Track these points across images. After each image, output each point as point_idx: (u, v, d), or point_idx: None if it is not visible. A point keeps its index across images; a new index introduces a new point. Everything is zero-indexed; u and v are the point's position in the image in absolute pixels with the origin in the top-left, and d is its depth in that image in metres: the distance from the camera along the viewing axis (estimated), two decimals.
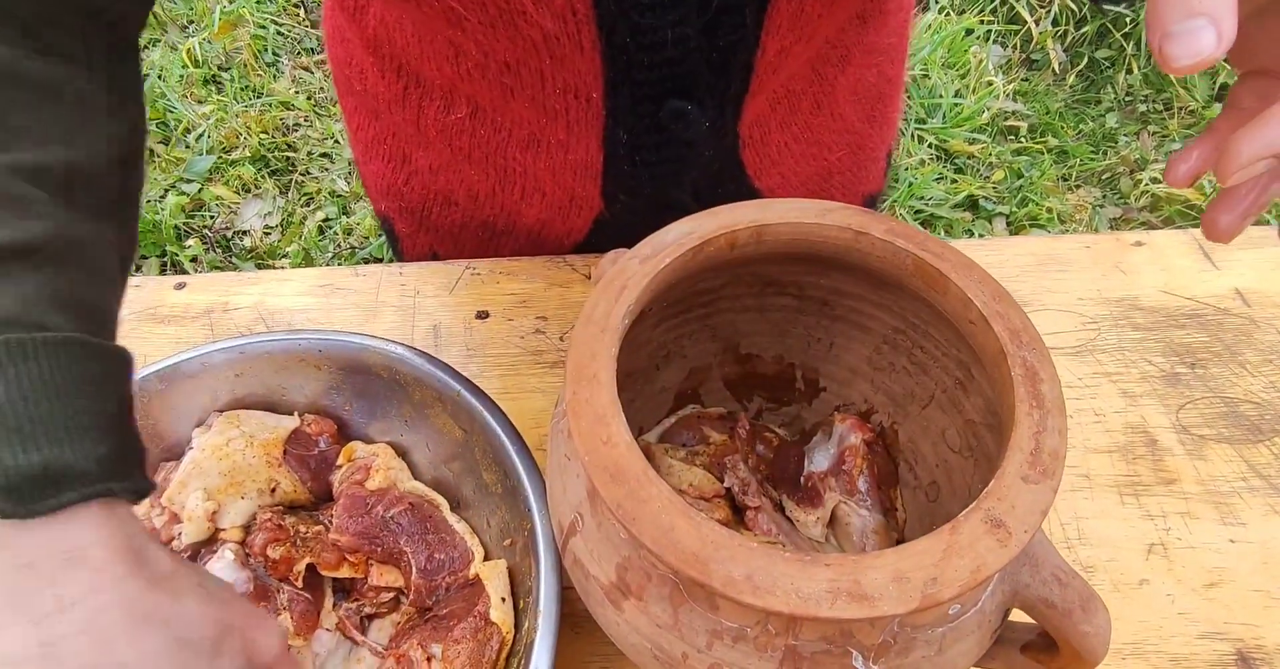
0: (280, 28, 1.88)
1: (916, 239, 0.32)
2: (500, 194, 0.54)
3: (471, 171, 0.53)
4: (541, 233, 0.57)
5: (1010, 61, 2.02)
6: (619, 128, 0.46)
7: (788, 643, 0.25)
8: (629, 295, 0.30)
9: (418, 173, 0.57)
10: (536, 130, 0.48)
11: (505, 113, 0.47)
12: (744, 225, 0.33)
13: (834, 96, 0.52)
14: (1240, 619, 0.44)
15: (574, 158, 0.49)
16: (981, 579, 0.23)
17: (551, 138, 0.48)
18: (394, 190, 0.59)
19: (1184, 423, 0.52)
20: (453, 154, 0.52)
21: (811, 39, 0.45)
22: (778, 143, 0.52)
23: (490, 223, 0.58)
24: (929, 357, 0.39)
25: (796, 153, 0.53)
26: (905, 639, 0.26)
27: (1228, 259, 0.61)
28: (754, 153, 0.51)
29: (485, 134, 0.49)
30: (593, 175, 0.50)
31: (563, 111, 0.45)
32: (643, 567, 0.27)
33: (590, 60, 0.41)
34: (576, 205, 0.53)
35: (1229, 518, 0.48)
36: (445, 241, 0.62)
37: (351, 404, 0.45)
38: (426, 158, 0.54)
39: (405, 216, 0.61)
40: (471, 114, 0.49)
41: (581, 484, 0.29)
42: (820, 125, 0.53)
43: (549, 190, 0.52)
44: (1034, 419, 0.27)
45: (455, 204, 0.57)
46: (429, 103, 0.50)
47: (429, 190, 0.57)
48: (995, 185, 1.80)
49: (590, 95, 0.43)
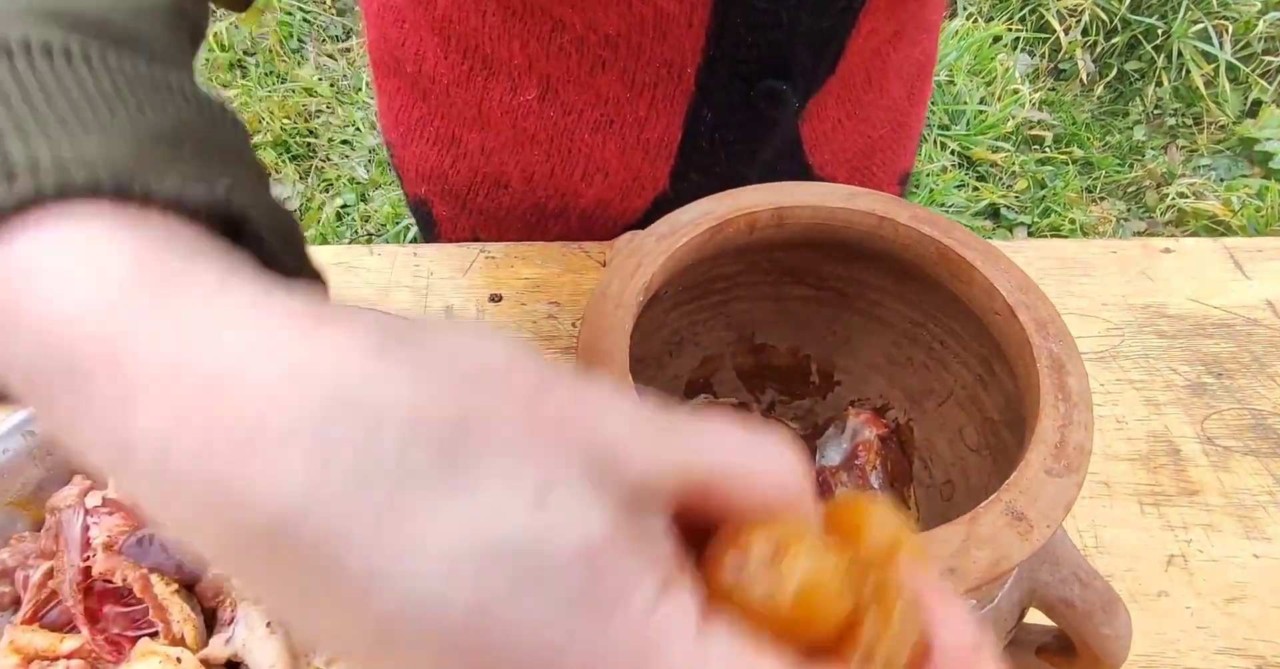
0: (307, 15, 1.88)
1: (941, 226, 0.31)
2: (558, 175, 0.54)
3: (534, 152, 0.53)
4: (595, 214, 0.57)
5: (1038, 70, 2.00)
6: (705, 105, 0.46)
7: None
8: (644, 273, 0.29)
9: (466, 155, 0.56)
10: (614, 109, 0.48)
11: (585, 91, 0.48)
12: (765, 207, 0.32)
13: (885, 73, 0.52)
14: (1262, 636, 0.43)
15: (649, 136, 0.49)
16: (1001, 572, 0.22)
17: (630, 115, 0.48)
18: (437, 173, 0.59)
19: (1209, 433, 0.51)
20: (515, 135, 0.52)
21: (895, 18, 0.45)
22: (832, 118, 0.52)
23: (542, 205, 0.58)
24: (949, 351, 0.38)
25: (848, 129, 0.53)
26: None
27: (1259, 269, 0.60)
28: (811, 128, 0.51)
29: (553, 116, 0.50)
30: (666, 154, 0.50)
31: (650, 86, 0.45)
32: None
33: (695, 37, 0.41)
34: (639, 185, 0.53)
35: (1253, 532, 0.47)
36: (489, 225, 0.61)
37: None
38: (480, 139, 0.54)
39: (447, 199, 0.61)
40: (540, 96, 0.49)
41: None
42: (869, 101, 0.53)
43: (614, 170, 0.52)
44: (1059, 412, 0.26)
45: (506, 186, 0.57)
46: (495, 84, 0.50)
47: (477, 173, 0.57)
48: (1018, 194, 1.78)
49: (685, 70, 0.43)
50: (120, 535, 0.37)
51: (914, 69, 0.56)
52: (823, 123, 0.51)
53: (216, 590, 0.37)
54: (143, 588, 0.35)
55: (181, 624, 0.35)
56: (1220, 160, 1.89)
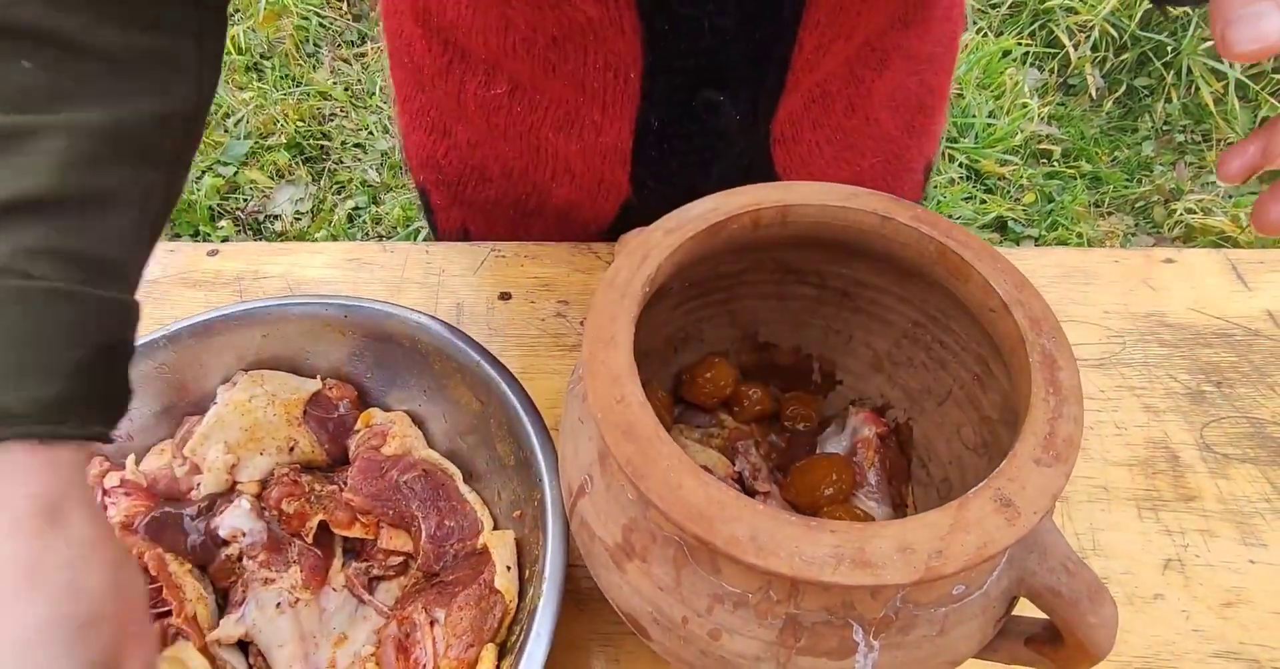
0: (323, 20, 1.91)
1: (941, 226, 0.32)
2: (532, 172, 0.55)
3: (506, 148, 0.54)
4: (569, 215, 0.57)
5: (1047, 85, 2.01)
6: (652, 112, 0.46)
7: (789, 611, 0.25)
8: (650, 264, 0.30)
9: (457, 147, 0.58)
10: (572, 110, 0.48)
11: (544, 91, 0.48)
12: (769, 204, 0.33)
13: (870, 101, 0.52)
14: (1257, 640, 0.43)
15: (605, 140, 0.49)
16: (988, 556, 0.23)
17: (586, 118, 0.48)
18: (433, 162, 0.60)
19: (1208, 441, 0.51)
20: (489, 130, 0.53)
21: (850, 38, 0.45)
22: (809, 142, 0.52)
23: (521, 202, 0.58)
24: (948, 351, 0.39)
25: (828, 155, 0.53)
26: (907, 615, 0.26)
27: (1261, 280, 0.60)
28: (784, 151, 0.51)
29: (521, 112, 0.50)
30: (622, 159, 0.50)
31: (600, 90, 0.45)
32: (648, 527, 0.27)
33: (631, 43, 0.42)
34: (604, 189, 0.53)
35: (1250, 538, 0.47)
36: (477, 217, 0.62)
37: (372, 372, 0.45)
38: (466, 132, 0.56)
39: (441, 189, 0.62)
40: (510, 92, 0.49)
41: (593, 446, 0.29)
42: (854, 129, 0.53)
43: (579, 172, 0.52)
44: (1050, 405, 0.27)
45: (489, 180, 0.58)
46: (471, 77, 0.50)
47: (466, 164, 0.58)
48: (1025, 207, 1.79)
49: (629, 75, 0.44)
50: (136, 515, 0.38)
51: (913, 102, 0.55)
52: (798, 145, 0.52)
53: (229, 571, 0.38)
54: (157, 567, 0.36)
55: (194, 603, 0.36)
56: None
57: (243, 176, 1.65)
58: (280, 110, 1.74)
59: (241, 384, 0.41)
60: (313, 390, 0.43)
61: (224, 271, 0.58)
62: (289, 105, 1.75)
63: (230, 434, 0.39)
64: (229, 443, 0.39)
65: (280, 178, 1.68)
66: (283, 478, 0.39)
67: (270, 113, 1.73)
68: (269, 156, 1.68)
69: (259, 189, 1.65)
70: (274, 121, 1.73)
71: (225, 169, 1.66)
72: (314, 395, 0.43)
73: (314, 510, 0.38)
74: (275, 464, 0.40)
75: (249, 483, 0.39)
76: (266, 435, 0.40)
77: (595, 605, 0.43)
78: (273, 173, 1.67)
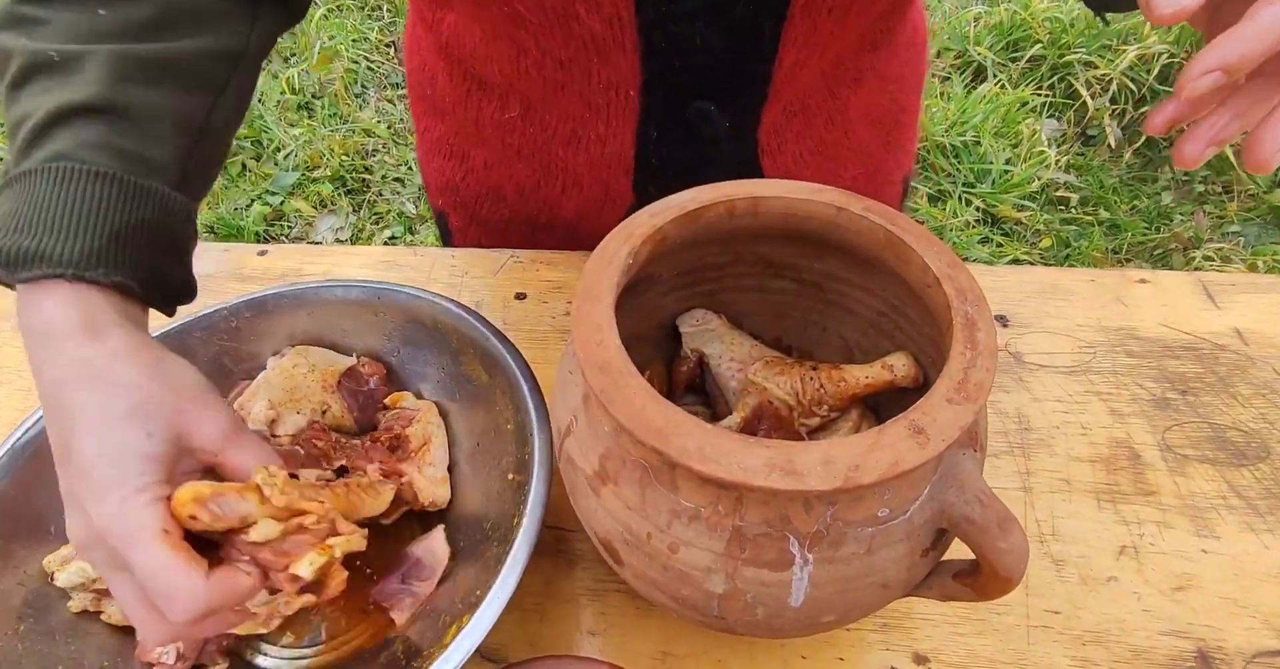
0: (371, 64, 2.04)
1: (889, 216, 0.37)
2: (543, 188, 0.61)
3: (520, 166, 0.60)
4: (578, 227, 0.63)
5: (1065, 135, 2.06)
6: (650, 123, 0.52)
7: (734, 524, 0.30)
8: (635, 239, 0.35)
9: (474, 170, 0.64)
10: (579, 125, 0.54)
11: (553, 109, 0.54)
12: (742, 195, 0.38)
13: (847, 115, 0.57)
14: (1204, 622, 0.46)
15: (610, 151, 0.55)
16: (899, 472, 0.28)
17: (592, 132, 0.54)
18: (451, 186, 0.67)
19: (1169, 442, 0.54)
20: (504, 150, 0.60)
21: (825, 54, 0.51)
22: (794, 153, 0.57)
23: (533, 217, 0.65)
24: (906, 336, 0.44)
25: (812, 166, 0.59)
26: (837, 532, 0.30)
27: (1230, 301, 0.64)
28: (771, 160, 0.57)
29: (533, 131, 0.57)
30: (625, 168, 0.56)
31: (604, 106, 0.52)
32: (620, 453, 0.32)
33: (631, 60, 0.48)
34: (611, 199, 0.59)
35: (1204, 530, 0.50)
36: (492, 235, 0.69)
37: (400, 351, 0.51)
38: (482, 154, 0.62)
39: (459, 211, 0.69)
40: (523, 113, 0.56)
41: (579, 391, 0.34)
42: (834, 142, 0.58)
43: (586, 184, 0.59)
44: (966, 358, 0.31)
45: (504, 199, 0.64)
46: (487, 102, 0.57)
47: (482, 186, 0.65)
48: (1042, 252, 1.82)
49: (629, 92, 0.50)
50: None
51: (889, 119, 0.61)
52: (784, 156, 0.57)
53: None
54: None
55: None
56: (1250, 227, 1.91)
57: (289, 205, 1.76)
58: (327, 145, 1.85)
59: (289, 355, 0.47)
60: (348, 364, 0.49)
61: (271, 269, 0.65)
62: (335, 141, 1.86)
63: (274, 393, 0.45)
64: (271, 400, 0.44)
65: (323, 208, 1.78)
66: (315, 425, 0.44)
67: (318, 147, 1.85)
68: (314, 187, 1.79)
69: (303, 217, 1.75)
70: (320, 155, 1.84)
71: (273, 198, 1.76)
72: (349, 369, 0.49)
73: (338, 455, 0.43)
74: (308, 422, 0.46)
75: (284, 436, 0.44)
76: (304, 397, 0.46)
77: (585, 563, 0.47)
78: (316, 203, 1.78)
